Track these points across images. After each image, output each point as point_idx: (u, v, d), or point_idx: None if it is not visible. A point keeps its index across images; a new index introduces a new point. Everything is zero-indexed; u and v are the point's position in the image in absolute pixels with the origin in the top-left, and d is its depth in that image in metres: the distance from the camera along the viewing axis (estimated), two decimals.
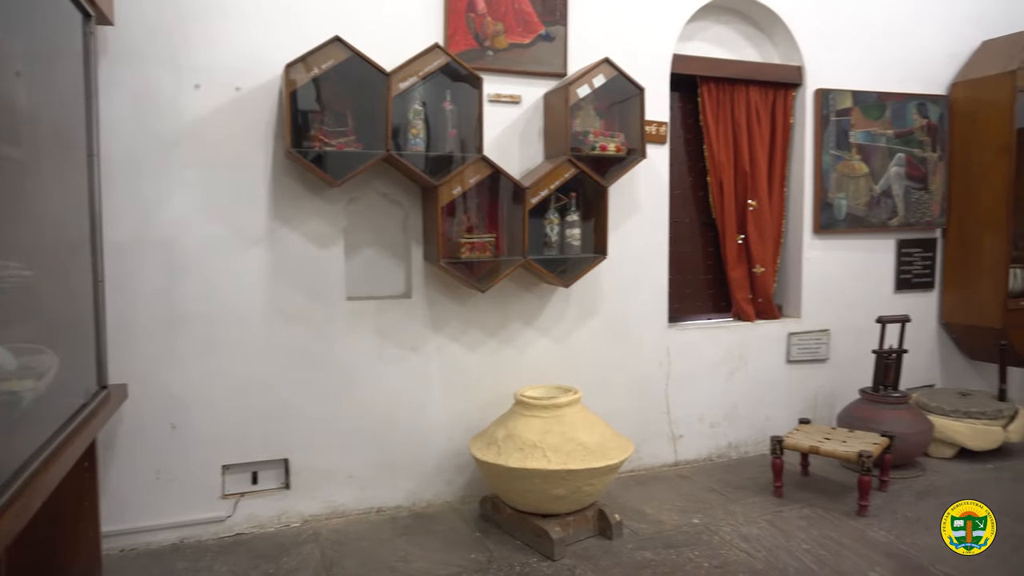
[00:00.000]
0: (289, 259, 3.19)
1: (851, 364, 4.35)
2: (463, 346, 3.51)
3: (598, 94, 3.47)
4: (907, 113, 4.48)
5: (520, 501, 3.05)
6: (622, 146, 3.49)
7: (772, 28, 4.20)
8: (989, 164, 4.45)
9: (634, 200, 3.80)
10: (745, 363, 4.16)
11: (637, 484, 3.74)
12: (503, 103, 3.49)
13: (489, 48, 3.42)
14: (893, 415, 3.84)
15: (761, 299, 4.25)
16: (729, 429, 4.16)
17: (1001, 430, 4.02)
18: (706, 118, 4.07)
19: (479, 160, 3.20)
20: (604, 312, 3.79)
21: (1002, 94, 4.35)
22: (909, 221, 4.55)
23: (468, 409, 3.52)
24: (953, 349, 4.85)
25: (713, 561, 2.88)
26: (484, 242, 3.28)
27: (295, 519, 3.26)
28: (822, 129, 4.23)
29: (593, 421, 3.14)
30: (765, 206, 4.20)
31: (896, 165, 4.47)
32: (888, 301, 4.53)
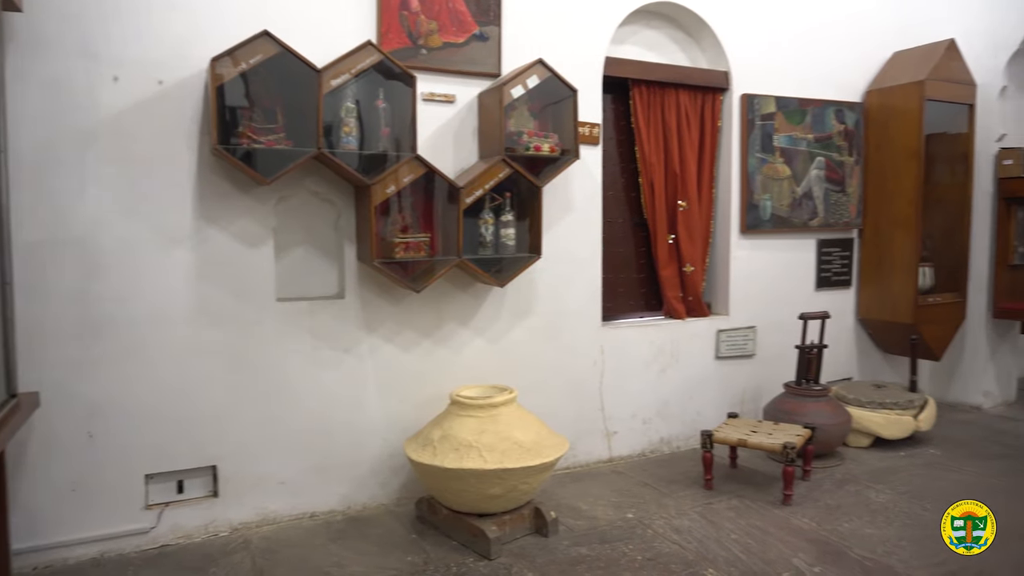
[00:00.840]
0: (216, 259, 3.08)
1: (776, 359, 4.53)
2: (398, 347, 3.48)
3: (532, 95, 3.50)
4: (826, 119, 4.68)
5: (456, 501, 3.04)
6: (556, 147, 3.52)
7: (700, 34, 4.32)
8: (900, 168, 4.70)
9: (568, 200, 3.85)
10: (676, 360, 4.26)
11: (573, 481, 3.78)
12: (437, 102, 3.47)
13: (423, 47, 3.40)
14: (815, 407, 4.00)
15: (691, 297, 4.37)
16: (661, 425, 4.25)
17: (912, 419, 4.25)
18: (638, 120, 4.15)
19: (413, 159, 3.18)
20: (539, 311, 3.82)
21: (911, 102, 4.61)
22: (828, 222, 4.76)
23: (403, 410, 3.49)
24: (869, 343, 5.11)
25: (647, 554, 2.94)
26: (418, 242, 3.26)
27: (224, 528, 3.16)
28: (748, 133, 4.38)
29: (528, 420, 3.16)
30: (695, 207, 4.32)
31: (816, 168, 4.67)
32: (809, 298, 4.73)
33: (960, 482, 3.71)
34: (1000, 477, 3.78)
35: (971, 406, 5.12)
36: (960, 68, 4.74)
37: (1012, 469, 3.89)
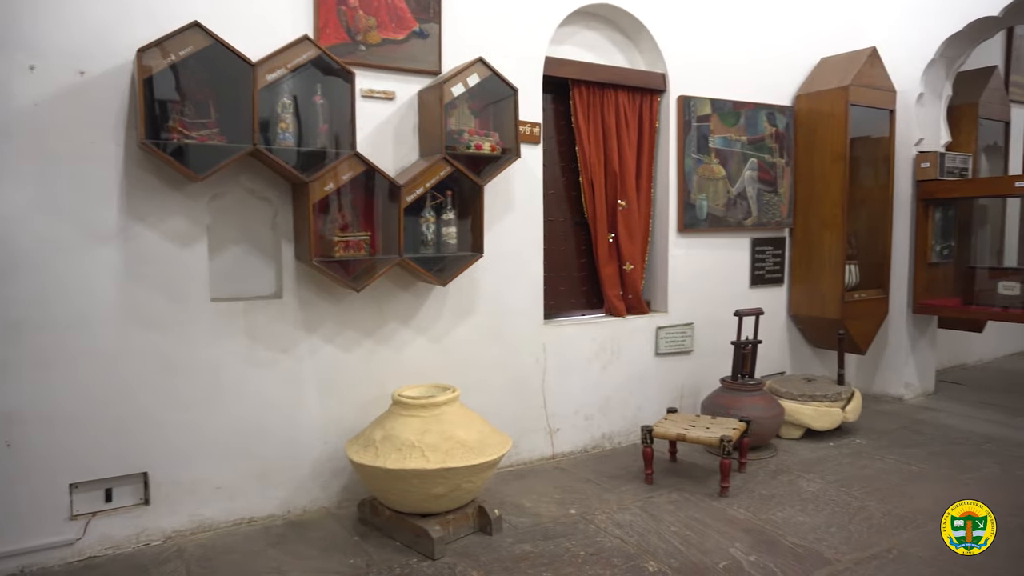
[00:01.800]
0: (145, 259, 2.97)
1: (713, 355, 4.65)
2: (338, 347, 3.42)
3: (473, 93, 3.49)
4: (758, 121, 4.84)
5: (399, 502, 3.01)
6: (497, 145, 3.53)
7: (638, 36, 4.39)
8: (827, 170, 4.89)
9: (509, 199, 3.86)
10: (617, 357, 4.33)
11: (516, 478, 3.80)
12: (377, 99, 3.43)
13: (362, 43, 3.35)
14: (750, 401, 4.13)
15: (631, 295, 4.44)
16: (603, 421, 4.31)
17: (840, 411, 4.43)
18: (578, 120, 4.20)
19: (352, 157, 3.13)
20: (481, 310, 3.82)
21: (837, 107, 4.80)
22: (762, 221, 4.91)
23: (344, 411, 3.43)
24: (800, 338, 5.30)
25: (589, 549, 2.98)
26: (359, 240, 3.21)
27: (156, 537, 3.04)
28: (684, 134, 4.48)
29: (471, 418, 3.16)
30: (634, 206, 4.39)
31: (749, 169, 4.81)
32: (744, 295, 4.88)
33: (884, 470, 3.89)
34: (920, 464, 3.97)
35: (893, 397, 5.37)
36: (881, 75, 4.97)
37: (931, 456, 4.10)
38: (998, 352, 7.02)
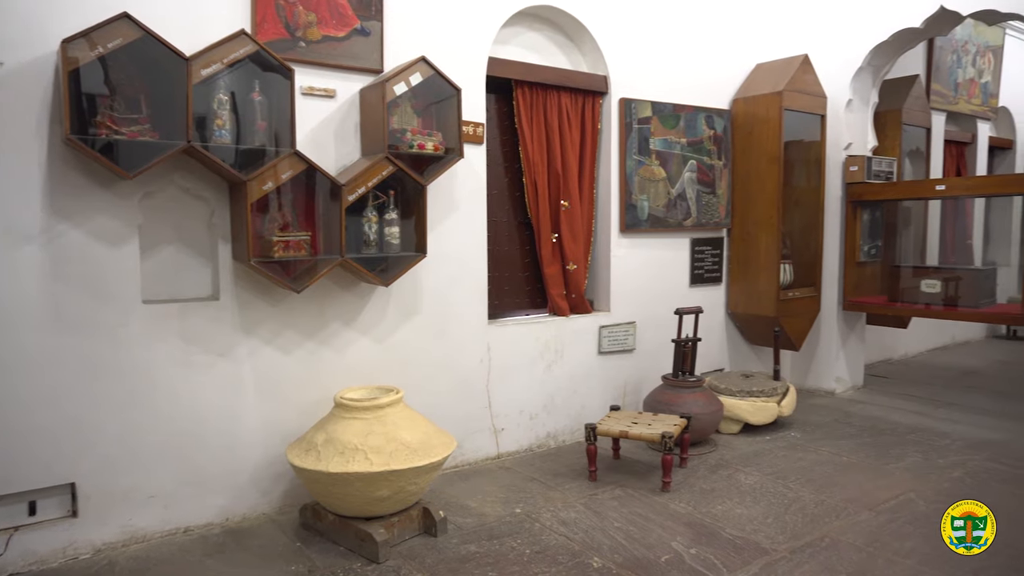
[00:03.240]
0: (71, 259, 2.84)
1: (654, 353, 4.74)
2: (278, 349, 3.34)
3: (415, 92, 3.47)
4: (697, 124, 4.95)
5: (342, 506, 2.96)
6: (440, 145, 3.51)
7: (581, 39, 4.44)
8: (763, 172, 5.05)
9: (453, 199, 3.85)
10: (561, 356, 4.37)
11: (461, 479, 3.79)
12: (317, 97, 3.37)
13: (301, 39, 3.29)
14: (690, 398, 4.22)
15: (574, 295, 4.49)
16: (548, 420, 4.34)
17: (776, 405, 4.58)
18: (521, 121, 4.21)
19: (292, 155, 3.07)
20: (425, 310, 3.80)
21: (772, 111, 4.96)
22: (701, 222, 5.03)
23: (285, 415, 3.36)
24: (738, 336, 5.45)
25: (534, 547, 2.99)
26: (299, 240, 3.15)
27: (85, 550, 2.92)
28: (626, 135, 4.55)
29: (416, 420, 3.14)
30: (577, 206, 4.44)
31: (689, 171, 4.92)
32: (684, 294, 4.99)
33: (817, 461, 4.03)
34: (850, 455, 4.14)
35: (826, 391, 5.58)
36: (813, 81, 5.16)
37: (860, 447, 4.28)
38: (921, 347, 7.38)
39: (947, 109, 7.03)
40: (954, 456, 4.10)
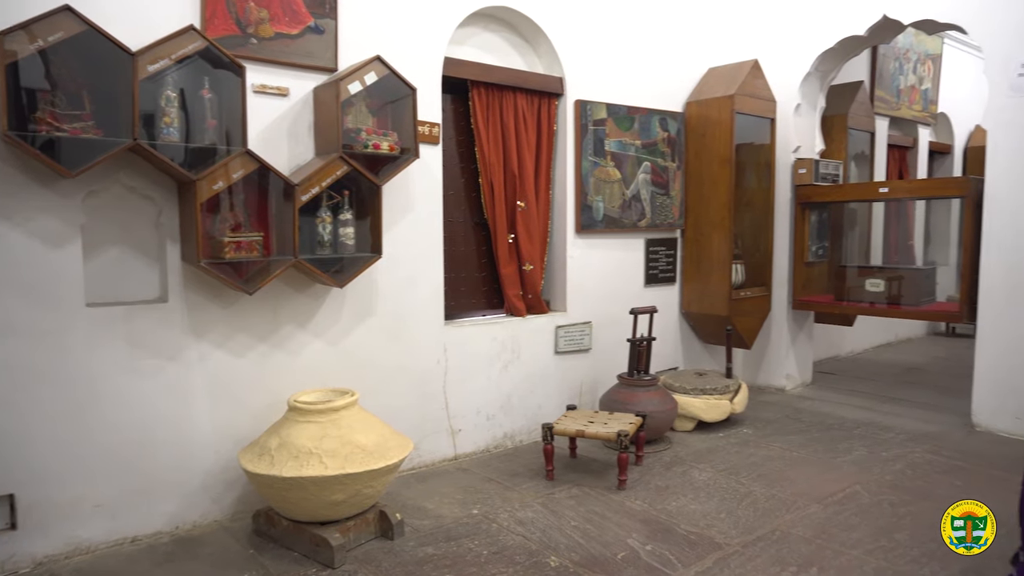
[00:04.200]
0: (10, 262, 2.73)
1: (610, 352, 4.79)
2: (230, 352, 3.27)
3: (370, 92, 3.43)
4: (652, 126, 5.02)
5: (297, 511, 2.92)
6: (395, 145, 3.49)
7: (537, 40, 4.46)
8: (715, 174, 5.14)
9: (408, 199, 3.82)
10: (518, 356, 4.38)
11: (418, 481, 3.77)
12: (270, 95, 3.31)
13: (253, 36, 3.22)
14: (645, 396, 4.28)
15: (531, 295, 4.50)
16: (505, 420, 4.35)
17: (728, 403, 4.67)
18: (477, 121, 4.21)
19: (244, 154, 3.01)
20: (381, 312, 3.76)
21: (724, 114, 5.06)
22: (655, 222, 5.10)
23: (237, 420, 3.29)
24: (691, 334, 5.54)
25: (492, 548, 2.99)
26: (251, 241, 3.09)
27: (25, 564, 2.80)
28: (581, 137, 4.59)
29: (371, 422, 3.11)
30: (533, 207, 4.45)
31: (643, 172, 4.99)
32: (639, 294, 5.05)
33: (768, 456, 4.13)
34: (800, 450, 4.25)
35: (776, 388, 5.72)
36: (763, 86, 5.28)
37: (809, 442, 4.39)
38: (867, 344, 7.62)
39: (890, 114, 7.28)
40: (897, 449, 4.25)
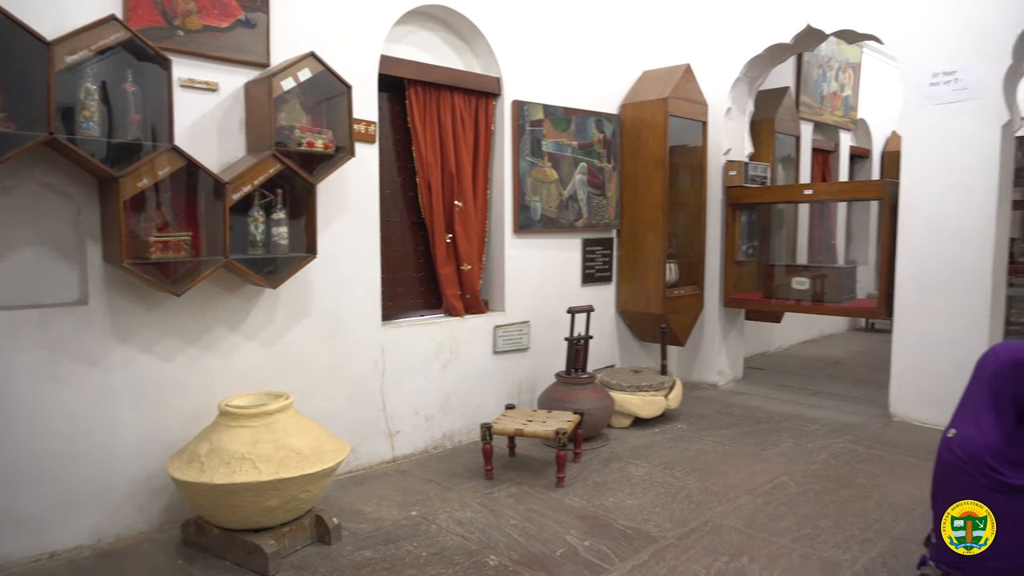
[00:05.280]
0: None
1: (548, 351, 4.83)
2: (157, 356, 3.15)
3: (304, 88, 3.36)
4: (588, 127, 5.09)
5: (229, 519, 2.83)
6: (330, 143, 3.43)
7: (474, 40, 4.46)
8: (650, 175, 5.25)
9: (344, 199, 3.76)
10: (456, 356, 4.37)
11: (355, 484, 3.71)
12: (198, 90, 3.20)
13: (180, 28, 3.11)
14: (583, 394, 4.33)
15: (469, 295, 4.50)
16: (444, 420, 4.33)
17: (664, 399, 4.78)
18: (414, 120, 4.18)
19: (170, 150, 2.90)
20: (316, 313, 3.69)
21: (658, 117, 5.17)
22: (592, 223, 5.17)
23: (166, 426, 3.17)
24: (627, 333, 5.64)
25: (431, 549, 2.98)
26: (179, 241, 2.98)
27: None
28: (519, 137, 4.61)
29: (307, 426, 3.05)
30: (471, 207, 4.45)
31: (580, 173, 5.05)
32: (576, 293, 5.11)
33: (702, 450, 4.24)
34: (731, 443, 4.38)
35: (709, 384, 5.88)
36: (695, 89, 5.42)
37: (741, 435, 4.54)
38: (794, 340, 7.92)
39: (814, 119, 7.58)
40: (821, 440, 4.43)
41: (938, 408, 4.52)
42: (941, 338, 4.59)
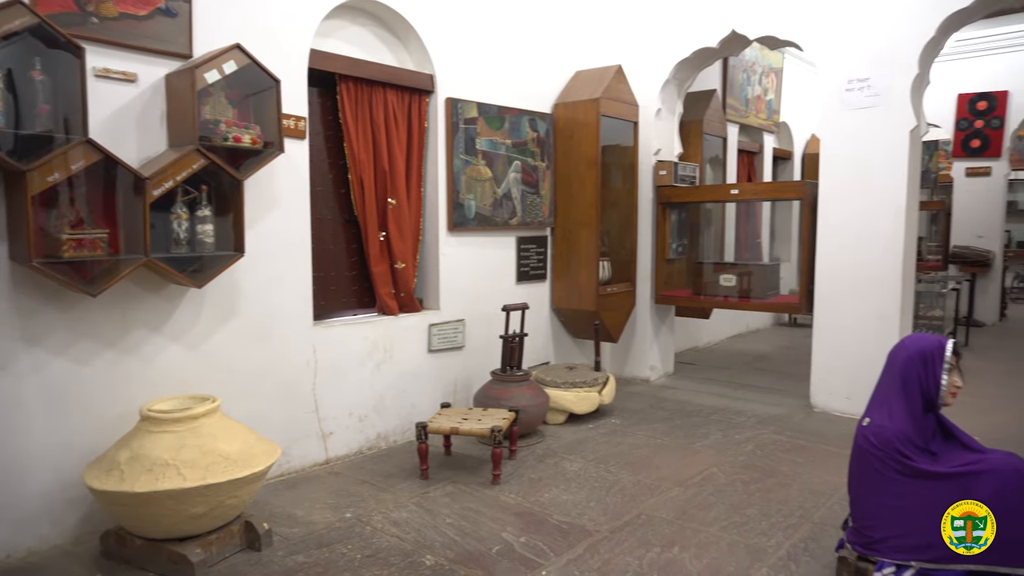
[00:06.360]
0: None
1: (483, 349, 4.83)
2: (71, 360, 2.99)
3: (230, 82, 3.26)
4: (522, 126, 5.11)
5: (152, 528, 2.72)
6: (258, 139, 3.33)
7: (407, 36, 4.41)
8: (583, 174, 5.32)
9: (273, 196, 3.67)
10: (390, 355, 4.32)
11: (287, 488, 3.63)
12: (115, 80, 3.06)
13: (93, 14, 2.96)
14: (518, 391, 4.35)
15: (403, 293, 4.45)
16: (378, 421, 4.28)
17: (597, 395, 4.85)
18: (345, 116, 4.11)
19: (84, 143, 2.76)
20: (245, 313, 3.58)
21: (590, 117, 5.24)
22: (526, 221, 5.20)
23: (82, 434, 3.02)
24: (562, 330, 5.70)
25: (366, 551, 2.94)
26: (94, 238, 2.84)
27: None
28: (453, 135, 4.59)
29: (235, 429, 2.95)
30: (404, 205, 4.40)
31: (514, 171, 5.07)
32: (511, 291, 5.13)
33: (634, 444, 4.33)
34: (663, 437, 4.49)
35: (641, 379, 6.00)
36: (626, 90, 5.52)
37: (672, 429, 4.65)
38: (722, 335, 8.17)
39: (740, 122, 7.84)
40: (748, 432, 4.59)
41: (855, 398, 4.76)
42: (856, 332, 4.83)
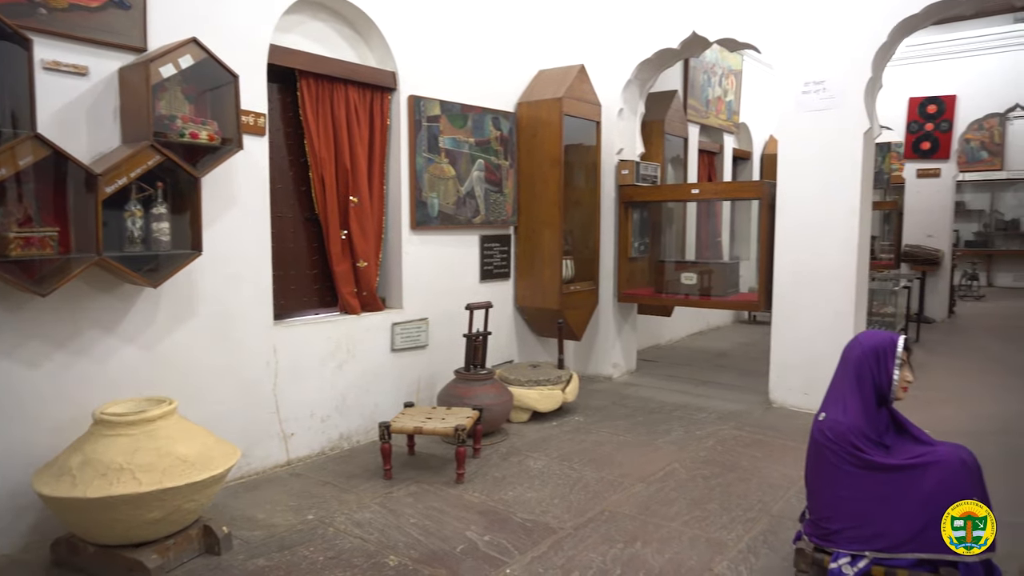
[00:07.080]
0: None
1: (447, 348, 4.82)
2: (19, 362, 2.90)
3: (186, 76, 3.19)
4: (485, 124, 5.10)
5: (106, 535, 2.65)
6: (216, 135, 3.27)
7: (368, 33, 4.37)
8: (546, 173, 5.33)
9: (232, 193, 3.60)
10: (353, 355, 4.27)
11: (247, 490, 3.57)
12: (65, 73, 2.96)
13: (42, 5, 2.87)
14: (482, 390, 4.35)
15: (366, 292, 4.41)
16: (340, 421, 4.23)
17: (561, 393, 4.87)
18: (306, 113, 4.05)
19: (32, 138, 2.67)
20: (202, 313, 3.51)
21: (553, 116, 5.26)
22: (489, 219, 5.20)
23: (31, 438, 2.92)
24: (525, 328, 5.72)
25: (328, 553, 2.91)
26: (43, 237, 2.75)
27: None
28: (415, 133, 4.56)
29: (193, 431, 2.89)
30: (366, 203, 4.36)
31: (477, 170, 5.06)
32: (474, 290, 5.13)
33: (598, 442, 4.36)
34: (626, 434, 4.53)
35: (604, 377, 6.05)
36: (589, 90, 5.55)
37: (634, 426, 4.70)
38: (683, 332, 8.28)
39: (700, 122, 7.95)
40: (709, 427, 4.66)
41: (811, 394, 4.87)
42: (812, 329, 4.94)
